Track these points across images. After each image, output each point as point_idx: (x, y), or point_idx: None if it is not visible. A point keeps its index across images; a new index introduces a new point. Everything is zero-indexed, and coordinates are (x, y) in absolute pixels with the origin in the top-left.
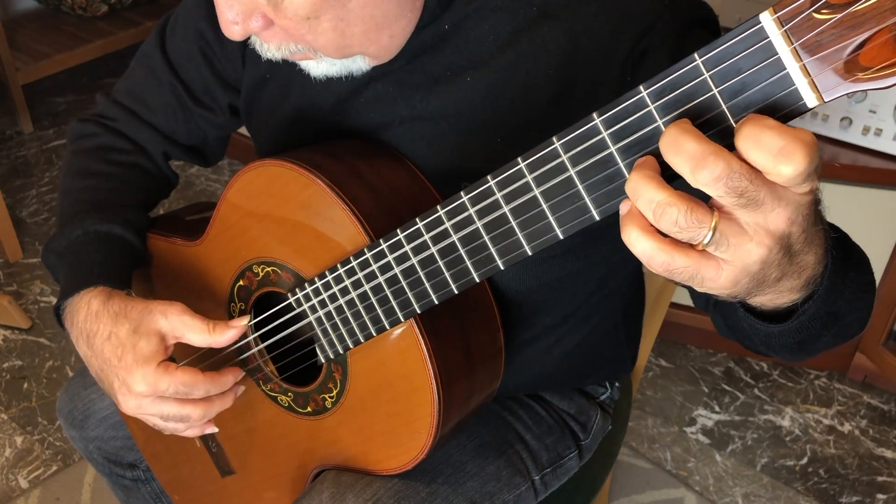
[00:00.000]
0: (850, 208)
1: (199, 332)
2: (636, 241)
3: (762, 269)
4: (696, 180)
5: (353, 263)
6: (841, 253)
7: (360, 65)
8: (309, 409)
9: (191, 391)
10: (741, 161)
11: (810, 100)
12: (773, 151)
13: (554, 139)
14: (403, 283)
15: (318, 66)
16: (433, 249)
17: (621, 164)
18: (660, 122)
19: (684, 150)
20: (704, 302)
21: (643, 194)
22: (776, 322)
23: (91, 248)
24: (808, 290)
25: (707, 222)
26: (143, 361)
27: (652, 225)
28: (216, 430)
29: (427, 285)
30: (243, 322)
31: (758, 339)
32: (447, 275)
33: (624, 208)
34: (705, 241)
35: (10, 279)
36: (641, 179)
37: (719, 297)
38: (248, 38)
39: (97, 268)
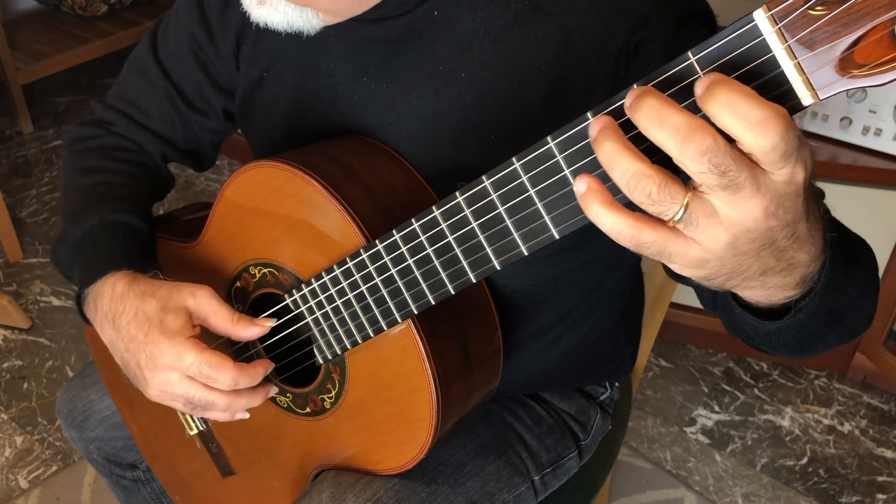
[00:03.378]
0: (850, 208)
1: (224, 319)
2: (603, 218)
3: (735, 256)
4: (682, 153)
5: (350, 265)
6: (842, 250)
7: (310, 20)
8: (308, 409)
9: (216, 375)
10: (725, 139)
11: (805, 98)
12: (752, 121)
13: (548, 138)
14: (400, 284)
15: (259, 9)
16: (429, 250)
17: None
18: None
19: (670, 122)
20: (711, 302)
21: (619, 164)
22: (773, 319)
23: (108, 236)
24: (804, 288)
25: (679, 198)
26: (170, 334)
27: (615, 199)
28: (247, 415)
29: (424, 286)
30: (269, 323)
31: (758, 337)
32: (444, 275)
33: (581, 186)
34: (676, 218)
35: (10, 279)
36: (617, 150)
37: (694, 280)
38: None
39: (118, 253)
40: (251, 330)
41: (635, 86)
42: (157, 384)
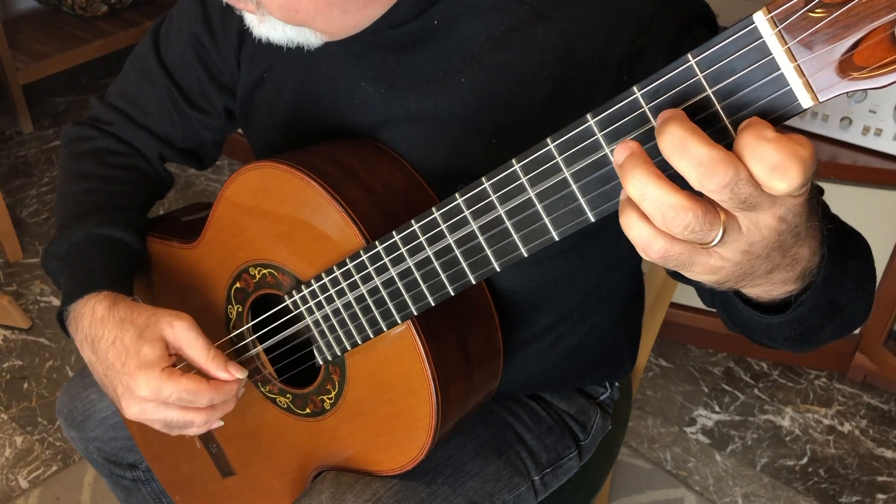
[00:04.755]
0: (850, 208)
1: (199, 353)
2: (634, 227)
3: (749, 260)
4: (702, 186)
5: (350, 266)
6: (838, 243)
7: (308, 38)
8: (308, 410)
9: (195, 399)
10: (745, 166)
11: (805, 100)
12: (768, 165)
13: (548, 140)
14: (400, 285)
15: (260, 27)
16: (429, 252)
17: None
18: (654, 124)
19: (692, 154)
20: (710, 298)
21: (650, 195)
22: (775, 313)
23: (93, 252)
24: (805, 282)
25: (717, 225)
26: (146, 366)
27: (647, 213)
28: (222, 423)
29: (423, 287)
30: (239, 375)
31: (759, 331)
32: (443, 277)
33: (625, 194)
34: (713, 243)
35: (10, 279)
36: (648, 179)
37: (706, 284)
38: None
39: (100, 272)
40: (221, 373)
41: (635, 88)
42: (134, 413)
